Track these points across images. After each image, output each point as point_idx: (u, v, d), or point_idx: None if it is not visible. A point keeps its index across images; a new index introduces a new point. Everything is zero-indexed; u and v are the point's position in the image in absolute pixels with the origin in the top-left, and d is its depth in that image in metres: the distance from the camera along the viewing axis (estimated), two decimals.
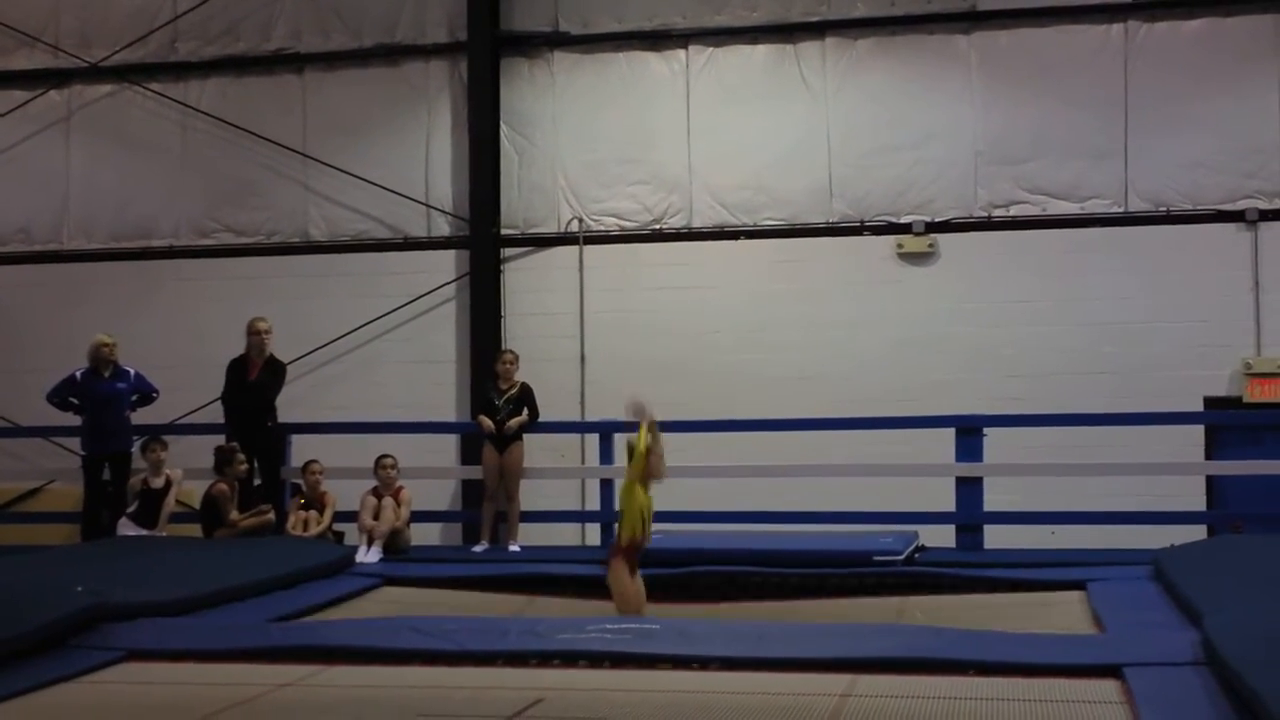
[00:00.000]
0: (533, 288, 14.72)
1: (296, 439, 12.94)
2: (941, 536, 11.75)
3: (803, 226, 14.14)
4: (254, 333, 12.45)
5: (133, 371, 12.48)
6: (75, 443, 13.95)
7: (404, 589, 10.44)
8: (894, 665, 6.81)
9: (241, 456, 11.95)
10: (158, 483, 11.98)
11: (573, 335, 14.55)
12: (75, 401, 12.37)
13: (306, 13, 15.33)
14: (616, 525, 9.32)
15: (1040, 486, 12.50)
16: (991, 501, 11.87)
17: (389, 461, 12.04)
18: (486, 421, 12.20)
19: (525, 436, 12.35)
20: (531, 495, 12.73)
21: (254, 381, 12.37)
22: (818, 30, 14.29)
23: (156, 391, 12.63)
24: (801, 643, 7.26)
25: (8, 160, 15.91)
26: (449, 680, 6.89)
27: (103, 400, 12.25)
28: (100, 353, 12.30)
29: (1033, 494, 12.38)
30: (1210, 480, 13.08)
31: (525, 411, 12.26)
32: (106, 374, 12.30)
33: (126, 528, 11.79)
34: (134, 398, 12.44)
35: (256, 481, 12.32)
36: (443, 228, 14.98)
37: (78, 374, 12.37)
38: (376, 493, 11.91)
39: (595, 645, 7.28)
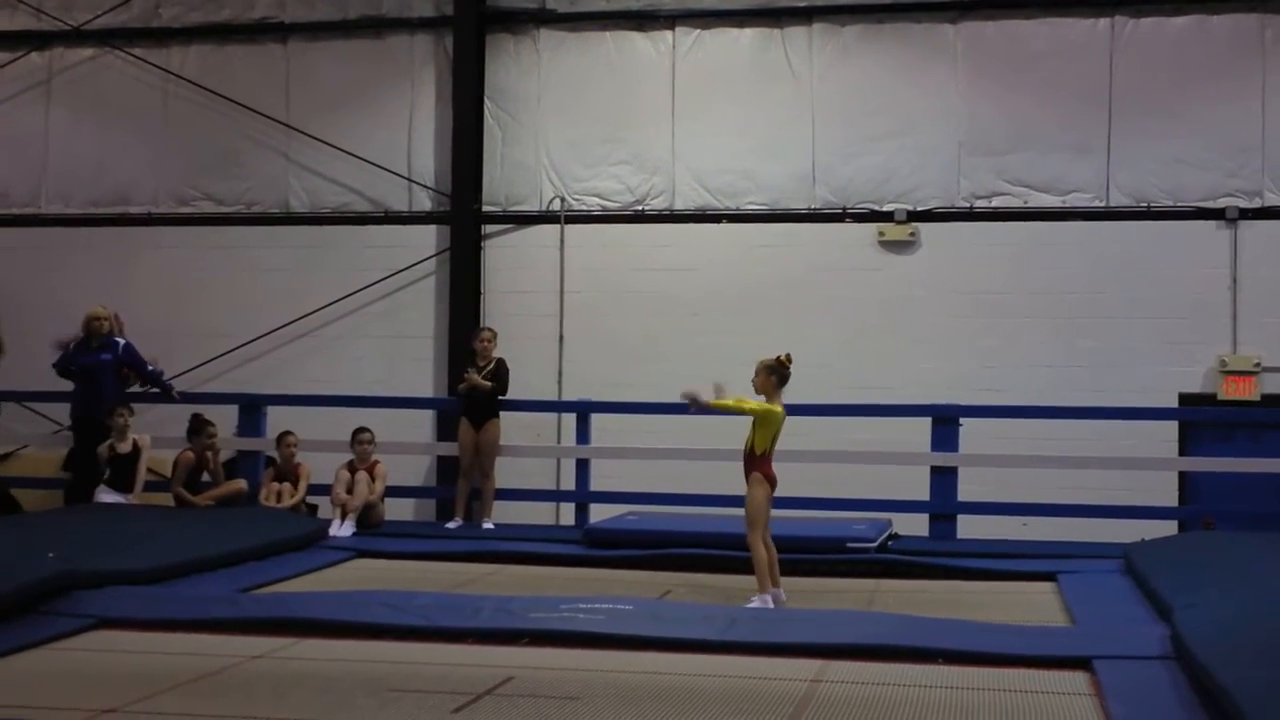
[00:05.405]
0: (513, 265, 14.68)
1: (272, 410, 12.92)
2: (915, 525, 11.81)
3: (785, 212, 14.14)
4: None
5: (122, 343, 12.40)
6: (48, 408, 13.97)
7: (376, 562, 10.43)
8: (864, 652, 6.83)
9: (213, 429, 11.99)
10: (124, 447, 11.92)
11: (552, 314, 14.52)
12: (74, 369, 12.35)
13: None
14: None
15: (1014, 477, 12.55)
16: (965, 491, 11.91)
17: (366, 436, 12.01)
18: (474, 377, 12.09)
19: (502, 414, 12.31)
20: (507, 473, 12.71)
21: None
22: (805, 15, 14.27)
23: (151, 366, 12.55)
24: (773, 628, 7.29)
25: None
26: (420, 656, 6.89)
27: (87, 370, 12.23)
28: (91, 325, 12.25)
29: (1006, 485, 12.42)
30: (1183, 476, 13.15)
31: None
32: (95, 345, 12.24)
33: (104, 494, 11.73)
34: (123, 371, 12.38)
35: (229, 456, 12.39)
36: (424, 202, 14.92)
37: (72, 343, 12.34)
38: (351, 466, 11.89)
39: (567, 625, 7.28)
